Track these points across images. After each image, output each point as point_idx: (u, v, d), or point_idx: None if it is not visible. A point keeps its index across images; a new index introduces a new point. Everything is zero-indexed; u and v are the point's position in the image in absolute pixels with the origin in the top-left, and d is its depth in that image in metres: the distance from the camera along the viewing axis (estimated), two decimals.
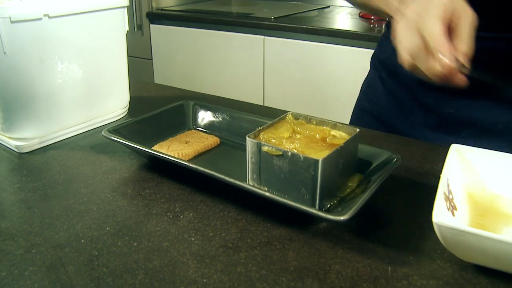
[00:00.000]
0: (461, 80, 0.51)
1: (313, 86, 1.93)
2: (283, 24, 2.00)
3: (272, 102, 2.09)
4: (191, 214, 0.49)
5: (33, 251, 0.43)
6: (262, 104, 2.05)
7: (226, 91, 2.22)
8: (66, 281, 0.39)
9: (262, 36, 2.05)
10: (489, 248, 0.37)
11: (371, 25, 1.91)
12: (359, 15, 2.08)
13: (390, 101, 0.78)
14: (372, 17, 2.04)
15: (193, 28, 2.33)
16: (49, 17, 0.62)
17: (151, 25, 2.49)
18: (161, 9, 2.52)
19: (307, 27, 1.91)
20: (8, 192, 0.54)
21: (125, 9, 0.74)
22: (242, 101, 0.84)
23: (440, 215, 0.40)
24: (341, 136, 0.50)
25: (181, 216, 0.49)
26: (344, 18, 2.09)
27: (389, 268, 0.41)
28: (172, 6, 2.60)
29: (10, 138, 0.66)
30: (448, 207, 0.45)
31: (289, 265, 0.41)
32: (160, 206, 0.50)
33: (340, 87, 1.82)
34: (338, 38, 1.80)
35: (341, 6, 2.42)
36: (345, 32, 1.78)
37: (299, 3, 2.61)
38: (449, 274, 0.41)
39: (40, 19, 0.61)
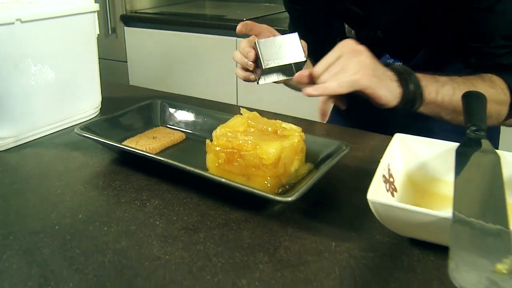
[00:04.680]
0: None
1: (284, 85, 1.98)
2: None
3: (245, 101, 2.14)
4: (156, 202, 0.53)
5: (11, 237, 0.47)
6: (236, 104, 2.09)
7: (201, 92, 2.25)
8: (41, 262, 0.43)
9: (235, 38, 2.10)
10: (417, 221, 0.42)
11: None
12: None
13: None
14: None
15: (167, 30, 2.35)
16: (22, 22, 0.66)
17: (125, 27, 2.50)
18: (135, 12, 2.54)
19: (278, 28, 1.95)
20: None
21: (95, 14, 0.78)
22: (212, 100, 0.89)
23: (376, 194, 0.45)
24: (291, 128, 0.55)
25: (148, 204, 0.53)
26: None
27: (333, 243, 0.46)
28: (146, 9, 2.62)
29: None
30: (388, 188, 0.51)
31: (243, 243, 0.46)
32: (128, 195, 0.55)
33: None
34: None
35: None
36: None
37: (271, 4, 2.66)
38: (386, 247, 0.46)
39: (13, 23, 0.65)
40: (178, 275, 0.42)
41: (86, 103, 0.80)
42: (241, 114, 0.59)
